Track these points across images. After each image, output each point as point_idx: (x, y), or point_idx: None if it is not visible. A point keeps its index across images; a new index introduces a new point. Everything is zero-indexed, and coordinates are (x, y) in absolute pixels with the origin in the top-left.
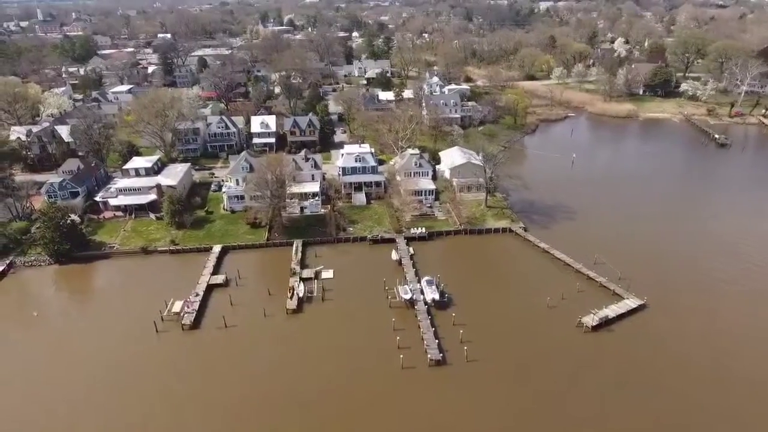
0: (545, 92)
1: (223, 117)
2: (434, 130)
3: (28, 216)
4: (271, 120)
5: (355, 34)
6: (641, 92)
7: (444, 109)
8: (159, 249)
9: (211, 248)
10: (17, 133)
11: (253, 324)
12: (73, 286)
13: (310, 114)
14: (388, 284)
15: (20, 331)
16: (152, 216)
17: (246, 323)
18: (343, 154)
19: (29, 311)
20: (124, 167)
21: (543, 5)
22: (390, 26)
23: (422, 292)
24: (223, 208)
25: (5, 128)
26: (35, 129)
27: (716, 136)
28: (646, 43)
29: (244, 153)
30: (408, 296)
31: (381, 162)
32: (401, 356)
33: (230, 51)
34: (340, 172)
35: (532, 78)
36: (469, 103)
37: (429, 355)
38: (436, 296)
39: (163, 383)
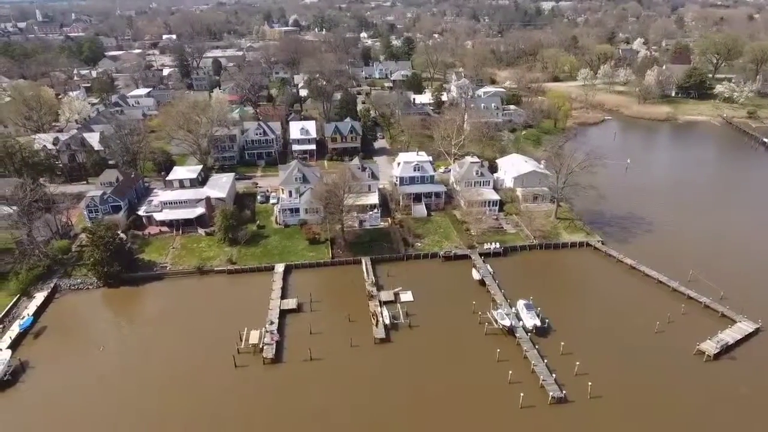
0: (578, 94)
1: (261, 123)
2: (483, 136)
3: (66, 233)
4: (311, 125)
5: (363, 34)
6: (673, 94)
7: (486, 114)
8: (216, 269)
9: (272, 267)
10: (42, 141)
11: (341, 356)
12: (129, 313)
13: (347, 118)
14: (477, 308)
15: (89, 367)
16: (201, 231)
17: (332, 355)
18: (399, 163)
19: (90, 343)
20: (168, 178)
21: (546, 5)
22: (398, 26)
23: (518, 317)
24: (276, 222)
25: (21, 134)
26: (62, 137)
27: (765, 139)
28: (663, 43)
29: (295, 162)
30: (507, 322)
31: None
32: (521, 394)
33: (241, 52)
34: (397, 182)
35: (556, 79)
36: (511, 107)
37: (551, 393)
38: (537, 322)
39: (252, 427)
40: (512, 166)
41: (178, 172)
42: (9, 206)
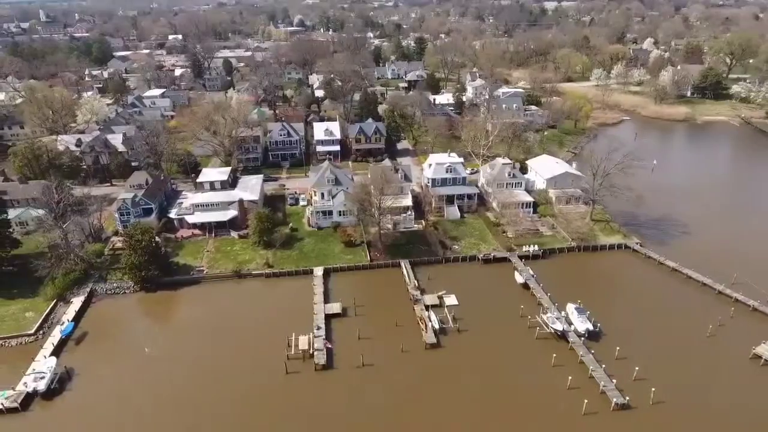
0: (595, 95)
1: (285, 124)
2: (510, 137)
3: (98, 236)
4: (334, 126)
5: (369, 34)
6: (689, 94)
7: (508, 114)
8: (254, 272)
9: (311, 271)
10: (65, 142)
11: (393, 361)
12: (170, 318)
13: (369, 119)
14: (524, 312)
15: (135, 374)
16: (234, 234)
17: (384, 361)
18: (430, 164)
19: (133, 349)
20: (198, 180)
21: (549, 5)
22: (404, 26)
23: (568, 322)
24: (308, 224)
25: (38, 135)
26: (85, 138)
27: None
28: (672, 43)
29: (327, 164)
30: (559, 327)
31: None
32: (585, 401)
33: (250, 52)
34: (429, 184)
35: (568, 80)
36: (532, 107)
37: (614, 399)
38: (590, 326)
39: None
40: (543, 168)
41: (208, 174)
42: (40, 209)
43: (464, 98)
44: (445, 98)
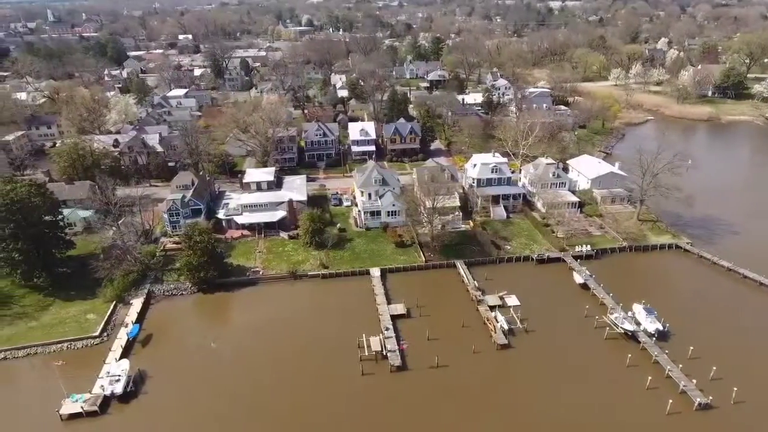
0: (618, 95)
1: (320, 124)
2: (546, 136)
3: (148, 237)
4: (370, 127)
5: (379, 34)
6: (710, 94)
7: (541, 114)
8: (309, 273)
9: (367, 272)
10: (102, 143)
11: (467, 362)
12: (233, 319)
13: (401, 119)
14: (589, 312)
15: (207, 375)
16: (284, 235)
17: (458, 362)
18: (475, 165)
19: (201, 350)
20: (245, 181)
21: (554, 4)
22: (414, 26)
23: (636, 322)
24: (355, 225)
25: (65, 135)
26: (122, 139)
27: None
28: (686, 43)
29: (372, 164)
30: (629, 327)
31: None
32: (669, 401)
33: (264, 52)
34: (475, 184)
35: (586, 79)
36: (561, 107)
37: (697, 399)
38: (659, 326)
39: None
40: (586, 168)
41: (254, 175)
42: (90, 209)
43: (493, 98)
44: (472, 98)
